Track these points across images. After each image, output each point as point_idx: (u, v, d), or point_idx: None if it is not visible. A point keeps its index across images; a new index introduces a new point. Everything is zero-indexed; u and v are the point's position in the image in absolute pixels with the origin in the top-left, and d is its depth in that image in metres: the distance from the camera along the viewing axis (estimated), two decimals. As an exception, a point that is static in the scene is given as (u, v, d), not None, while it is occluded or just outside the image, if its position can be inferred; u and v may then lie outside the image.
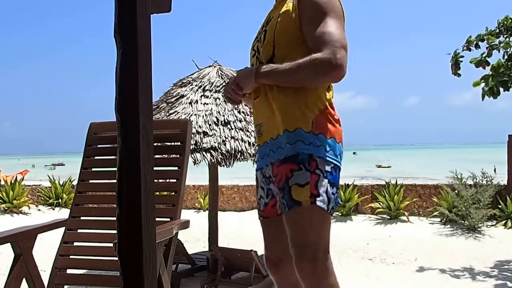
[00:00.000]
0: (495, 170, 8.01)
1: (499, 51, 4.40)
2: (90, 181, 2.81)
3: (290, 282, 1.83)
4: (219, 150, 3.60)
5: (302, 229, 1.63)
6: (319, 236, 1.63)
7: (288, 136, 1.68)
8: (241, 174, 8.04)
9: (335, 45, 1.60)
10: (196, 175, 5.64)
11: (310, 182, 1.63)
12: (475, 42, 4.54)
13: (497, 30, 4.44)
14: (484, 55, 4.44)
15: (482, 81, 4.39)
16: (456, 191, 6.62)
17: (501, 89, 4.33)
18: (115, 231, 1.20)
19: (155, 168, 1.23)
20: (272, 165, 1.75)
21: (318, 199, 1.62)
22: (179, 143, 2.64)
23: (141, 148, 1.17)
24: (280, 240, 1.76)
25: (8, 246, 2.27)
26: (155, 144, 2.37)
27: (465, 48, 4.59)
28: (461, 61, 4.59)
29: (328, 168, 1.66)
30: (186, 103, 3.92)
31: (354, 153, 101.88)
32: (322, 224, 1.64)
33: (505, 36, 4.38)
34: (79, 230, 2.65)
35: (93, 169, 2.82)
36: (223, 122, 3.77)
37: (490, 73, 4.34)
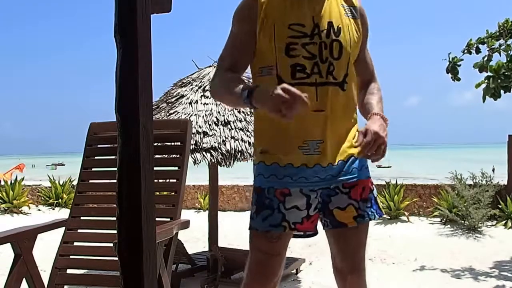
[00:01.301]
0: (493, 170, 8.00)
1: (500, 54, 4.40)
2: (90, 181, 2.82)
3: None
4: (219, 150, 3.60)
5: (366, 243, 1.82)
6: None
7: (361, 159, 1.74)
8: (241, 174, 8.03)
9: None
10: (196, 175, 5.64)
11: None
12: (475, 46, 4.54)
13: (498, 33, 4.44)
14: (485, 59, 4.43)
15: (486, 81, 4.38)
16: (456, 191, 6.61)
17: (502, 91, 4.33)
18: (115, 231, 1.20)
19: (155, 168, 1.23)
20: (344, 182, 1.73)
21: None
22: (179, 143, 2.64)
23: (141, 148, 1.17)
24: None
25: (8, 246, 2.27)
26: (155, 144, 2.37)
27: (465, 51, 4.59)
28: (459, 65, 4.58)
29: None
30: (186, 103, 3.92)
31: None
32: None
33: (505, 39, 4.37)
34: (79, 230, 2.65)
35: (93, 169, 2.82)
36: (223, 122, 3.77)
37: (491, 74, 4.33)
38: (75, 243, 2.62)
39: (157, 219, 1.55)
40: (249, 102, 1.52)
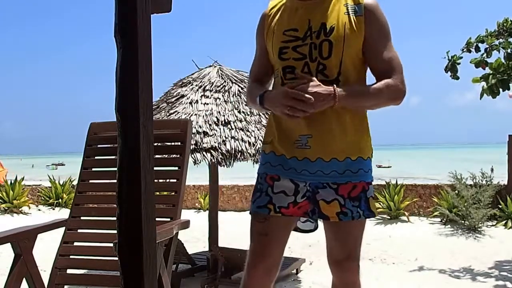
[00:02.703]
0: (492, 170, 8.01)
1: (499, 52, 4.40)
2: (90, 181, 2.81)
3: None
4: (219, 150, 3.60)
5: (362, 235, 1.83)
6: None
7: (361, 163, 1.76)
8: (241, 174, 8.03)
9: (402, 72, 1.75)
10: (196, 175, 5.64)
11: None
12: (475, 44, 4.54)
13: (497, 32, 4.45)
14: (483, 56, 4.44)
15: (482, 80, 4.38)
16: (456, 191, 6.62)
17: (501, 89, 4.33)
18: (115, 231, 1.20)
19: (155, 168, 1.23)
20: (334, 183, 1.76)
21: None
22: (179, 143, 2.64)
23: (141, 148, 1.17)
24: (281, 239, 1.81)
25: (8, 246, 2.27)
26: (155, 144, 2.38)
27: (465, 49, 4.59)
28: (459, 63, 4.58)
29: None
30: (186, 103, 3.92)
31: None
32: None
33: (504, 37, 4.38)
34: (79, 230, 2.65)
35: (93, 169, 2.82)
36: (223, 122, 3.77)
37: (490, 72, 4.33)
38: (75, 243, 2.62)
39: (157, 219, 1.55)
40: (263, 106, 1.78)
